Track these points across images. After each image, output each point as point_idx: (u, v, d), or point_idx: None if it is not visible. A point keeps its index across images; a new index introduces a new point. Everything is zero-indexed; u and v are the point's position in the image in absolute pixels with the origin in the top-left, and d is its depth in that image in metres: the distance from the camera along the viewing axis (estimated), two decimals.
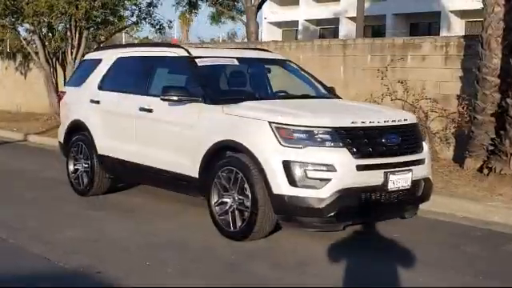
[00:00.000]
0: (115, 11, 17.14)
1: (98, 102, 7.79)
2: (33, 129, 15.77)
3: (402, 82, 9.70)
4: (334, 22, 33.11)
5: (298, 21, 34.53)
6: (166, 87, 6.47)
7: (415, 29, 30.63)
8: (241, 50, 8.73)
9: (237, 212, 5.90)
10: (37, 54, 17.28)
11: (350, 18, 32.14)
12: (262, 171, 5.63)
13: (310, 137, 5.56)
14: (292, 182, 5.48)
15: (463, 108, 9.30)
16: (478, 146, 9.07)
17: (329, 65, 12.40)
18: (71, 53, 17.17)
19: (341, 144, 5.54)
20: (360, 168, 5.53)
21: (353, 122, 5.70)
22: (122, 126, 7.36)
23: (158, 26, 17.76)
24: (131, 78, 7.62)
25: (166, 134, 6.71)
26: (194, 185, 6.40)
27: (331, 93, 7.40)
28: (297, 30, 35.03)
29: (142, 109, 7.00)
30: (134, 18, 17.58)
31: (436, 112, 10.08)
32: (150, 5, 17.51)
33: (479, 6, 9.59)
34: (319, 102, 6.95)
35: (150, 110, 6.90)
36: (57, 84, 17.90)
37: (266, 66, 7.50)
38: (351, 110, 6.57)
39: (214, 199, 6.11)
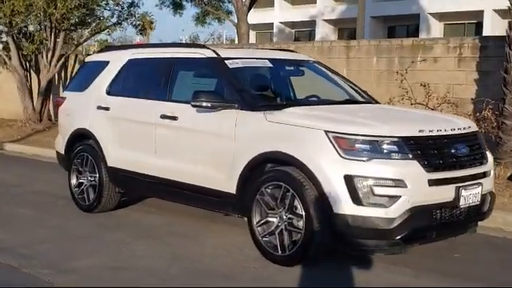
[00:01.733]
0: (93, 11, 16.28)
1: (106, 109, 6.99)
2: (7, 136, 14.81)
3: (424, 86, 9.11)
4: (310, 24, 32.62)
5: (272, 23, 33.96)
6: (197, 92, 5.73)
7: (392, 32, 30.32)
8: (264, 50, 8.02)
9: (285, 233, 5.19)
10: (7, 56, 16.28)
11: (327, 21, 31.70)
12: (318, 187, 4.94)
13: (374, 148, 4.88)
14: (356, 199, 4.80)
15: (489, 112, 8.76)
16: (508, 153, 8.55)
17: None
18: (46, 56, 16.27)
19: (410, 156, 4.88)
20: (432, 183, 4.88)
21: (420, 131, 5.05)
22: (139, 135, 6.59)
23: (139, 27, 16.98)
24: (147, 81, 6.86)
25: (195, 145, 5.97)
26: (229, 202, 5.68)
27: (370, 97, 6.75)
28: (271, 33, 34.46)
29: (163, 116, 6.24)
30: (114, 19, 16.76)
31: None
32: (131, 5, 16.68)
33: (458, 8, 9.13)
34: (370, 108, 6.30)
35: (173, 118, 6.14)
36: (31, 88, 16.94)
37: (300, 68, 6.80)
38: (411, 117, 5.92)
39: (256, 218, 5.40)
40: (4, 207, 7.51)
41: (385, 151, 4.88)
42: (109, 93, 7.12)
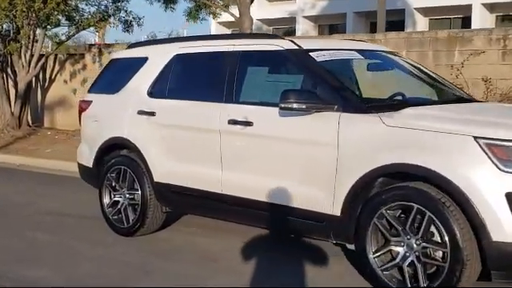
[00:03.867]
0: (77, 7, 15.02)
1: (151, 114, 5.84)
2: None
3: (486, 81, 8.17)
4: (289, 21, 31.63)
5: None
6: (286, 92, 4.64)
7: (375, 27, 29.49)
8: (340, 41, 6.93)
9: (419, 266, 4.15)
10: None
11: (307, 17, 30.79)
12: (468, 209, 3.91)
13: None
14: None
15: None
16: None
17: None
18: (25, 56, 14.96)
19: None
20: None
21: None
22: (197, 144, 5.47)
23: (126, 24, 15.74)
24: (203, 80, 5.76)
25: (279, 156, 4.88)
26: (329, 226, 4.61)
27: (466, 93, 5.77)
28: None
29: (232, 122, 5.13)
30: (100, 15, 15.46)
31: None
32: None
33: (444, 2, 8.32)
34: (495, 107, 5.30)
35: (247, 123, 5.05)
36: (8, 92, 15.59)
37: (389, 61, 5.75)
38: None
39: (373, 247, 4.35)
40: (25, 233, 6.30)
41: None
42: (151, 94, 5.97)
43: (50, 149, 13.30)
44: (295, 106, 4.60)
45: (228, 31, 34.56)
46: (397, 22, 27.58)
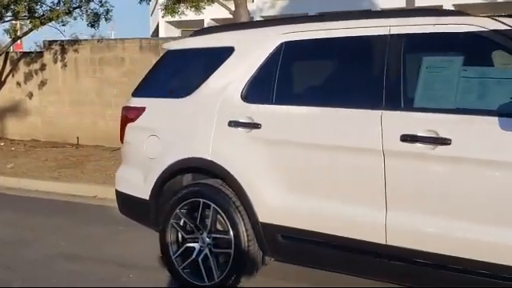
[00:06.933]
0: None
1: (254, 126, 4.09)
2: None
3: None
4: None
5: (203, 20, 31.00)
6: None
7: None
8: None
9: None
10: None
11: (264, 18, 29.27)
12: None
13: None
14: None
15: None
16: None
17: None
18: None
19: None
20: None
21: None
22: (339, 170, 3.77)
23: (93, 18, 13.74)
24: (340, 77, 4.05)
25: (504, 194, 3.22)
26: None
27: None
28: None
29: (410, 138, 3.46)
30: (63, 7, 13.38)
31: None
32: None
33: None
34: None
35: (439, 141, 3.38)
36: None
37: None
38: None
39: None
40: None
41: None
42: (248, 99, 4.22)
43: (12, 163, 11.16)
44: None
45: (177, 31, 32.74)
46: None
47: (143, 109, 4.75)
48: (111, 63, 13.29)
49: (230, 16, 29.25)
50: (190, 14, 14.42)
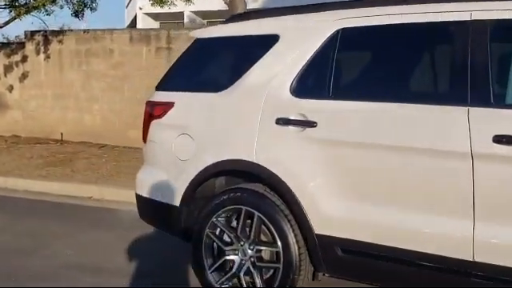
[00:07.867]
0: None
1: (308, 124, 3.59)
2: None
3: None
4: (226, 14, 29.37)
5: (183, 12, 30.30)
6: None
7: None
8: None
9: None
10: None
11: (250, 9, 28.70)
12: None
13: None
14: None
15: None
16: None
17: None
18: None
19: None
20: None
21: None
22: (413, 176, 3.29)
23: (78, 6, 13.08)
24: (413, 69, 3.57)
25: None
26: None
27: None
28: (182, 23, 30.75)
29: (504, 139, 2.99)
30: None
31: None
32: None
33: None
34: None
35: None
36: None
37: None
38: None
39: None
40: None
41: None
42: (299, 93, 3.72)
43: None
44: None
45: (155, 23, 31.98)
46: None
47: (171, 104, 4.21)
48: (98, 55, 12.64)
49: (206, 9, 28.64)
50: (180, 5, 13.75)
